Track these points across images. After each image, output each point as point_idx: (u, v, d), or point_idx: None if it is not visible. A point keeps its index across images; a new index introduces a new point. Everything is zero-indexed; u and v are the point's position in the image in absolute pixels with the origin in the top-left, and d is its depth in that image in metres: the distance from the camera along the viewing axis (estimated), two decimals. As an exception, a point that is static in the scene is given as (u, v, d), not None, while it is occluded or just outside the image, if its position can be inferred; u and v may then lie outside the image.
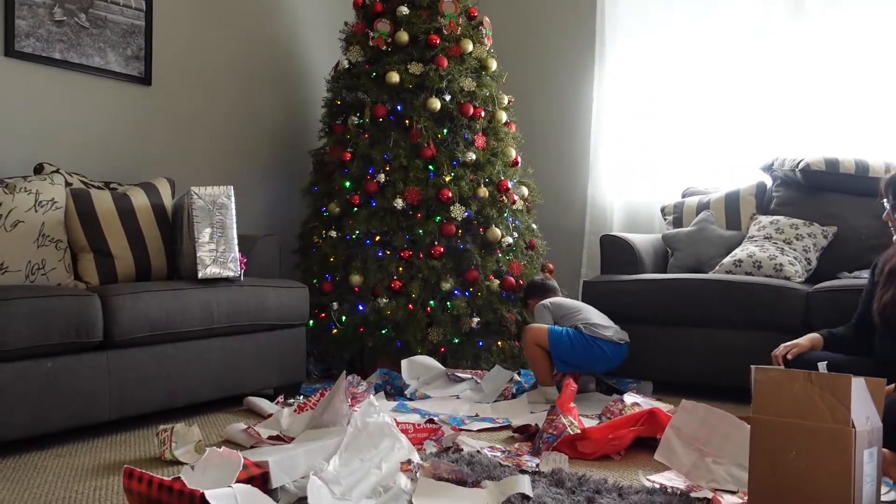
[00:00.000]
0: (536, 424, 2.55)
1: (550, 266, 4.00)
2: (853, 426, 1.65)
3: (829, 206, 3.61)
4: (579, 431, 2.35)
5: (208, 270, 2.81)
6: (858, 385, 1.71)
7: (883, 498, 1.89)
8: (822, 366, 2.31)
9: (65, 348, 2.37)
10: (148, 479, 1.73)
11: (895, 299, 2.40)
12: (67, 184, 2.92)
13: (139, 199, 3.04)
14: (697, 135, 4.28)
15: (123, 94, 3.49)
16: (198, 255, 2.79)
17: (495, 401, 3.13)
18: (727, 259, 3.51)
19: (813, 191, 3.67)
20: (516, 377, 3.35)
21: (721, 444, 2.07)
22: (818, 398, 1.70)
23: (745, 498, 1.84)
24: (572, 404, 2.50)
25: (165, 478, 1.74)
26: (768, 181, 3.90)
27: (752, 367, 1.84)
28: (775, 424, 1.74)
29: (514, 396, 3.18)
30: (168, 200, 3.17)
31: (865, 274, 2.71)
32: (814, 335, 2.55)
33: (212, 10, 3.87)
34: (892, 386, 2.29)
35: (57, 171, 2.93)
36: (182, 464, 2.18)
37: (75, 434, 2.52)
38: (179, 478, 1.74)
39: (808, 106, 4.00)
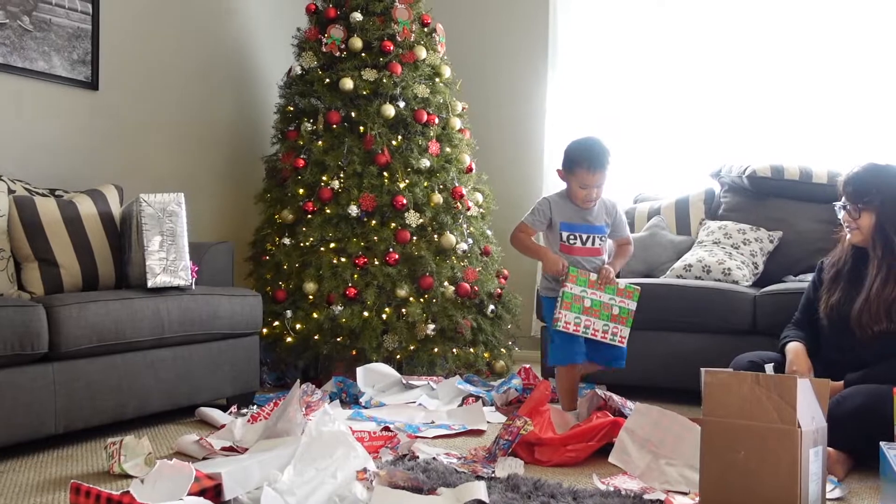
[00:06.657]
0: (520, 397, 2.50)
1: (506, 272, 4.03)
2: (799, 426, 1.70)
3: (775, 211, 3.71)
4: (532, 429, 2.35)
5: (158, 279, 2.75)
6: (804, 386, 1.76)
7: (828, 495, 1.94)
8: (769, 368, 2.37)
9: (8, 360, 2.30)
10: (96, 494, 1.69)
11: (840, 301, 2.48)
12: (10, 191, 2.84)
13: (86, 207, 2.97)
14: (648, 142, 4.35)
15: (69, 100, 3.41)
16: (147, 263, 2.73)
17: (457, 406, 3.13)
18: (677, 264, 3.58)
19: (759, 196, 3.77)
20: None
21: (674, 445, 2.11)
22: (766, 399, 1.74)
23: (697, 499, 1.87)
24: (545, 406, 2.50)
25: (114, 492, 1.70)
26: (717, 187, 3.98)
27: (703, 369, 1.87)
28: (725, 425, 1.78)
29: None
30: (116, 208, 3.11)
31: (810, 277, 2.78)
32: (801, 352, 2.51)
33: (160, 14, 3.81)
34: (838, 383, 2.37)
35: (-1, 179, 2.86)
36: (132, 477, 2.13)
37: (20, 449, 2.44)
38: (129, 492, 1.71)
39: (755, 114, 4.11)
